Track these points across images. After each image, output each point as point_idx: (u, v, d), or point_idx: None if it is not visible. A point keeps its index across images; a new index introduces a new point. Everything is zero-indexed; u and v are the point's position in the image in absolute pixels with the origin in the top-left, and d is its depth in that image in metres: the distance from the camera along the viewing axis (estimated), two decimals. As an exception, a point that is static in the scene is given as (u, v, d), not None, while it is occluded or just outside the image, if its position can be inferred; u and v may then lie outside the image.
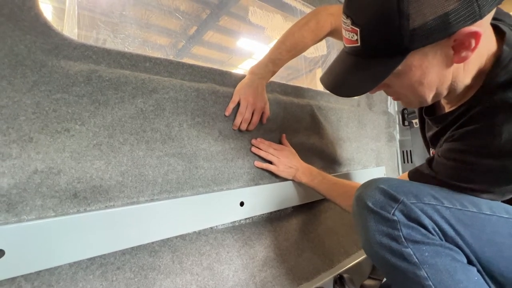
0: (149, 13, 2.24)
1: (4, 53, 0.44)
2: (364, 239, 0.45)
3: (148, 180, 0.57)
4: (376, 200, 0.43)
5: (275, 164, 0.75)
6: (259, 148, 0.75)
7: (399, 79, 0.43)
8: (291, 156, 0.78)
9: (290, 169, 0.75)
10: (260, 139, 0.76)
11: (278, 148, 0.77)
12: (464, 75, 0.44)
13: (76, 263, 0.48)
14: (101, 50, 0.56)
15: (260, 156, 0.75)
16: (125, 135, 0.55)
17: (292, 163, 0.76)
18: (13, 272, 0.41)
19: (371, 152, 1.19)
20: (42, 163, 0.46)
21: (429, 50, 0.39)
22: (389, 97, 1.36)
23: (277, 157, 0.75)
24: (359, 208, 0.45)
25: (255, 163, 0.74)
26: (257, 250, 0.71)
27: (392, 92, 0.49)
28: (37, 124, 0.46)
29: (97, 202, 0.51)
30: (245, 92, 0.71)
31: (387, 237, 0.41)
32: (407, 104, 0.51)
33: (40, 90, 0.47)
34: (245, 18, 3.13)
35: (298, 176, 0.75)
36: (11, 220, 0.43)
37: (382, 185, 0.44)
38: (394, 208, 0.41)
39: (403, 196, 0.42)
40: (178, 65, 0.67)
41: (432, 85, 0.43)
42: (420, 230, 0.40)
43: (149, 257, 0.56)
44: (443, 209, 0.41)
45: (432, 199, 0.42)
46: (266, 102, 0.75)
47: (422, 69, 0.41)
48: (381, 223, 0.42)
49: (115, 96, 0.54)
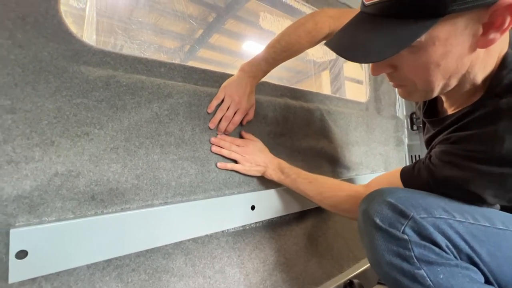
0: (157, 17, 2.28)
1: (29, 59, 0.46)
2: (373, 259, 0.42)
3: (162, 183, 0.58)
4: (384, 216, 0.40)
5: (240, 162, 0.67)
6: (220, 146, 0.66)
7: (416, 56, 0.38)
8: (258, 152, 0.69)
9: (258, 167, 0.68)
10: (222, 135, 0.67)
11: (242, 144, 0.68)
12: (479, 69, 0.40)
13: (93, 265, 0.49)
14: (119, 56, 0.57)
15: (223, 156, 0.67)
16: (140, 139, 0.56)
17: (260, 160, 0.68)
18: (35, 272, 0.42)
19: (380, 157, 1.19)
20: (62, 166, 0.48)
21: (461, 21, 0.34)
22: (397, 101, 1.36)
23: (241, 154, 0.67)
24: (366, 224, 0.42)
25: (217, 164, 0.66)
26: (268, 254, 0.71)
27: (397, 76, 0.43)
28: (59, 128, 0.48)
29: (113, 204, 0.52)
30: (231, 89, 0.66)
31: (397, 257, 0.38)
32: (408, 94, 0.45)
33: (62, 95, 0.48)
34: (251, 21, 3.16)
35: (269, 174, 0.68)
36: (33, 221, 0.45)
37: (389, 198, 0.41)
38: (404, 225, 0.38)
39: (413, 210, 0.39)
40: (191, 70, 0.68)
41: (447, 70, 0.39)
42: (433, 249, 0.37)
43: (163, 259, 0.57)
44: (455, 224, 0.39)
45: (443, 213, 0.39)
46: (253, 104, 0.70)
47: (446, 46, 0.36)
48: (391, 242, 0.39)
49: (132, 101, 0.55)
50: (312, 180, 0.65)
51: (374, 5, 0.37)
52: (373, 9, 0.38)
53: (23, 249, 0.41)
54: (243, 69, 0.68)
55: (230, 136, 0.69)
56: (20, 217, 0.44)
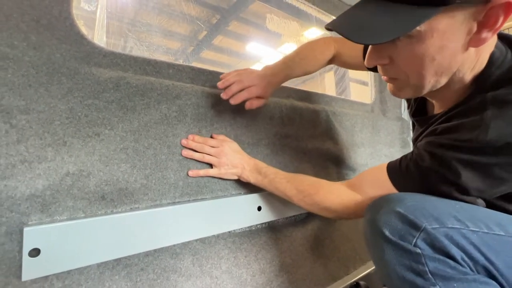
0: (162, 18, 2.30)
1: (42, 61, 0.47)
2: (384, 273, 0.39)
3: (170, 183, 0.59)
4: (394, 228, 0.37)
5: (215, 166, 0.63)
6: (191, 149, 0.61)
7: (412, 47, 0.38)
8: (233, 153, 0.64)
9: (234, 169, 0.64)
10: (192, 135, 0.62)
11: (215, 144, 0.63)
12: (468, 68, 0.41)
13: (103, 264, 0.50)
14: (128, 58, 0.58)
15: (196, 159, 0.62)
16: (149, 139, 0.57)
17: (235, 161, 0.63)
18: (48, 270, 0.43)
19: (385, 158, 1.18)
20: (73, 166, 0.48)
21: (459, 15, 0.36)
22: (403, 102, 1.35)
23: (215, 157, 0.62)
24: (374, 236, 0.40)
25: (189, 172, 0.61)
26: (274, 255, 0.71)
27: (391, 68, 0.43)
28: (70, 128, 0.49)
29: (123, 204, 0.53)
30: (249, 77, 0.62)
31: (410, 271, 0.36)
32: (398, 90, 0.46)
33: (74, 96, 0.49)
34: (255, 23, 3.17)
35: (245, 176, 0.64)
36: (45, 220, 0.45)
37: (398, 208, 0.38)
38: (415, 237, 0.36)
39: (424, 221, 0.36)
40: (199, 71, 0.69)
41: (440, 66, 0.40)
42: (449, 262, 0.35)
43: (171, 259, 0.58)
44: (469, 233, 0.36)
45: (456, 222, 0.37)
46: (267, 98, 0.65)
47: (442, 40, 0.37)
48: (403, 256, 0.36)
49: (141, 102, 0.56)
50: (290, 179, 0.61)
51: None
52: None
53: (36, 247, 0.42)
54: (265, 67, 0.67)
55: (202, 137, 0.64)
56: (32, 216, 0.44)
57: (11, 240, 0.42)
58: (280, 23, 1.05)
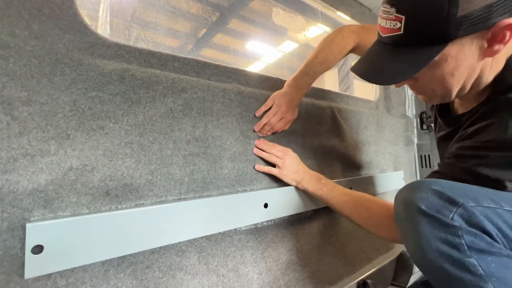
0: (161, 16, 2.27)
1: (45, 51, 0.45)
2: (416, 247, 0.40)
3: (176, 179, 0.57)
4: (431, 203, 0.38)
5: (279, 166, 0.70)
6: (261, 149, 0.70)
7: (432, 70, 0.44)
8: (297, 161, 0.72)
9: (295, 174, 0.70)
10: (263, 139, 0.72)
11: (282, 149, 0.71)
12: (489, 72, 0.45)
13: (108, 261, 0.48)
14: (133, 50, 0.57)
15: (263, 158, 0.71)
16: (154, 134, 0.55)
17: (298, 168, 0.70)
18: (51, 268, 0.41)
19: (389, 156, 1.17)
20: (77, 160, 0.47)
21: (467, 41, 0.40)
22: (407, 100, 1.34)
23: (281, 159, 0.70)
24: (409, 212, 0.40)
25: (255, 166, 0.69)
26: (280, 253, 0.70)
27: (417, 85, 0.49)
28: (74, 121, 0.47)
29: (127, 200, 0.51)
30: (280, 99, 0.71)
31: (446, 244, 0.37)
32: (429, 100, 0.52)
33: (77, 88, 0.48)
34: (254, 20, 3.15)
35: (304, 183, 0.69)
36: (48, 216, 0.44)
37: (435, 186, 0.39)
38: (452, 212, 0.37)
39: (462, 198, 0.37)
40: (205, 65, 0.67)
41: (461, 78, 0.44)
42: (484, 237, 0.36)
43: (177, 257, 0.56)
44: (504, 213, 0.38)
45: (491, 202, 0.38)
46: (295, 116, 0.75)
47: (457, 60, 0.42)
48: (438, 229, 0.37)
49: (147, 95, 0.54)
50: (348, 192, 0.65)
51: (391, 37, 0.44)
52: (388, 39, 0.44)
53: (39, 244, 0.40)
54: (289, 84, 0.73)
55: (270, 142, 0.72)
56: (35, 212, 0.43)
57: (13, 237, 0.41)
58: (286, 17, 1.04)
